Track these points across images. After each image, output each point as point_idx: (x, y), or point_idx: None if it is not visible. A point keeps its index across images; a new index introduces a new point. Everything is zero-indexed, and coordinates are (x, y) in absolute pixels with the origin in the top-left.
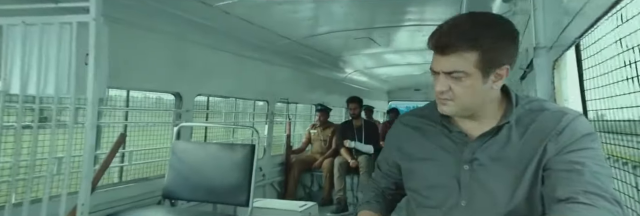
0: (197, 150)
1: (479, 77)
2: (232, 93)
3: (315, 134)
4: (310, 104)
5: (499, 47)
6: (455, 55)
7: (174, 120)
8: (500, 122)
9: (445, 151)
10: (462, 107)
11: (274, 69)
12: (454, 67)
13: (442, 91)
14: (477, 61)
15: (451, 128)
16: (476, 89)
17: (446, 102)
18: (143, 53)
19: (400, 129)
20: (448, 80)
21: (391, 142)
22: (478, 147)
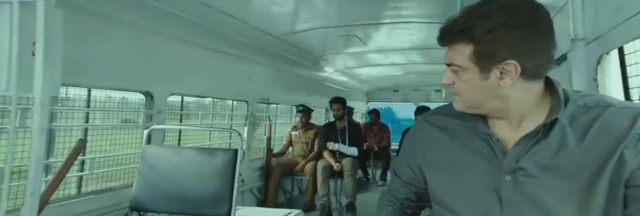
0: (170, 155)
1: (476, 72)
2: (209, 92)
3: (296, 136)
4: (291, 105)
5: (497, 39)
6: (451, 47)
7: (144, 122)
8: (545, 120)
9: (481, 157)
10: (466, 104)
11: (254, 68)
12: (450, 59)
13: (445, 84)
14: (471, 54)
15: (481, 128)
16: (475, 85)
17: (453, 96)
18: (108, 46)
19: (425, 130)
20: (452, 73)
21: (414, 144)
22: (522, 153)
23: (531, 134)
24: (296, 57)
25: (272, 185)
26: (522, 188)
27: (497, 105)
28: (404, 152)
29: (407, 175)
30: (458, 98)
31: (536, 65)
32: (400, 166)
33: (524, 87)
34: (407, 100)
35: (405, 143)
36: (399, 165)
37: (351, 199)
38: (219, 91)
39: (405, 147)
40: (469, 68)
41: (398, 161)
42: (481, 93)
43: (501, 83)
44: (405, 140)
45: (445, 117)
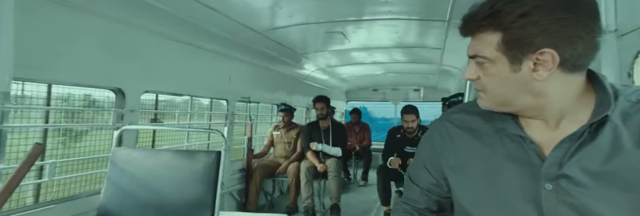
0: (144, 158)
1: (505, 63)
2: (186, 90)
3: (278, 136)
4: (271, 104)
5: (530, 24)
6: (476, 36)
7: (115, 122)
8: (591, 118)
9: (514, 162)
10: (494, 101)
11: (234, 64)
12: (474, 51)
13: (469, 79)
14: (499, 44)
15: (512, 129)
16: (504, 79)
17: (479, 93)
18: (73, 37)
19: (447, 131)
20: (476, 66)
21: (435, 147)
22: (565, 158)
23: (576, 135)
24: (278, 54)
25: (253, 187)
26: (567, 198)
27: (530, 102)
28: (422, 155)
29: (427, 181)
30: (484, 95)
31: (577, 55)
32: (418, 171)
33: (562, 81)
34: (386, 99)
35: (424, 146)
36: (416, 170)
37: (336, 200)
38: (197, 89)
39: (423, 149)
40: (497, 59)
41: (415, 166)
42: (511, 88)
43: (535, 76)
44: (423, 142)
45: (469, 116)
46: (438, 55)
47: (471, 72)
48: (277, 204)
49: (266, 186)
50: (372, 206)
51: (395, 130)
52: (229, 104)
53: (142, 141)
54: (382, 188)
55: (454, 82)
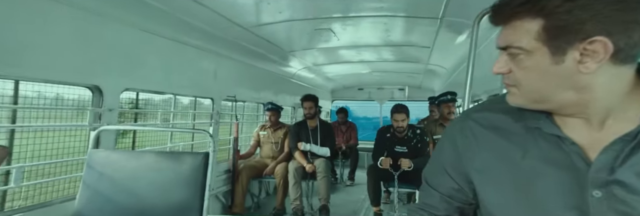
0: (125, 160)
1: (546, 55)
2: (169, 88)
3: (265, 136)
4: (257, 103)
5: (580, 8)
6: (510, 25)
7: (91, 122)
8: None
9: (553, 166)
10: (528, 97)
11: (220, 62)
12: (508, 40)
13: (500, 73)
14: (540, 32)
15: (548, 129)
16: (543, 72)
17: (509, 88)
18: (45, 30)
19: (470, 130)
20: (508, 59)
21: (457, 148)
22: (616, 162)
23: (630, 136)
24: (265, 51)
25: (239, 189)
26: (620, 206)
27: (571, 98)
28: (442, 157)
29: (448, 186)
30: (516, 91)
31: (633, 43)
32: (436, 175)
33: (612, 74)
34: (372, 98)
35: (443, 147)
36: (434, 173)
37: (325, 201)
38: (181, 87)
39: (443, 151)
40: (536, 50)
41: (433, 169)
42: (551, 82)
43: (581, 69)
44: (443, 143)
45: (495, 114)
46: (426, 54)
47: (501, 65)
48: (263, 206)
49: (252, 187)
50: (361, 206)
51: (385, 130)
52: (214, 103)
53: (120, 142)
54: (373, 189)
55: (439, 82)
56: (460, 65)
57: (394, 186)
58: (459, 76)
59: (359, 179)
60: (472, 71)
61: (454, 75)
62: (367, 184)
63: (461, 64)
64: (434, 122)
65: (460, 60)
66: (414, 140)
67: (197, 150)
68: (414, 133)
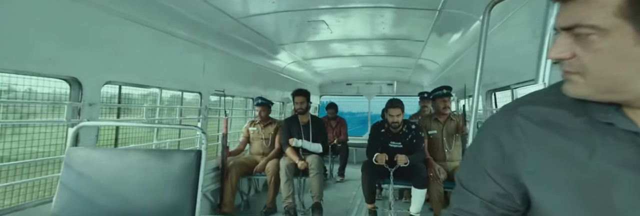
0: (108, 159)
1: (627, 34)
2: (155, 81)
3: (255, 132)
4: (246, 98)
5: None
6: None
7: (70, 117)
8: None
9: (631, 169)
10: (597, 86)
11: (208, 54)
12: (575, 18)
13: (560, 58)
14: (621, 5)
15: (623, 124)
16: (621, 56)
17: (570, 76)
18: (16, 16)
19: (518, 126)
20: (571, 41)
21: (501, 148)
22: None
23: None
24: (254, 44)
25: (229, 187)
26: None
27: None
28: (482, 158)
29: (490, 190)
30: (580, 79)
31: None
32: (476, 178)
33: None
34: (360, 93)
35: (484, 147)
36: (472, 176)
37: (318, 199)
38: (167, 80)
39: (483, 151)
40: (615, 29)
41: (470, 171)
42: (631, 68)
43: None
44: (482, 141)
45: (548, 108)
46: (419, 48)
47: (563, 49)
48: (253, 204)
49: (241, 185)
50: (353, 203)
51: (379, 125)
52: (202, 98)
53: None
54: (367, 186)
55: (429, 77)
56: (454, 59)
57: (389, 183)
58: (452, 71)
59: (349, 175)
60: (483, 63)
61: (447, 70)
62: (362, 181)
63: (455, 59)
64: (429, 117)
65: (454, 55)
66: (409, 135)
67: (184, 148)
68: (409, 128)
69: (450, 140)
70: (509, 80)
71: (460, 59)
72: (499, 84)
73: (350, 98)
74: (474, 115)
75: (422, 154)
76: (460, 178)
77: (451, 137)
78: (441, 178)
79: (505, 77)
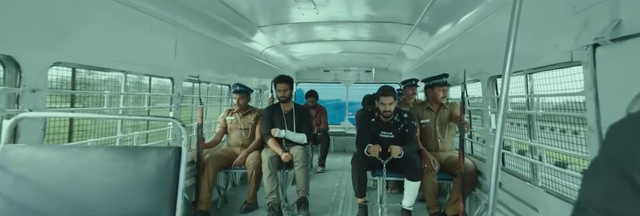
0: (60, 158)
1: None
2: (118, 64)
3: (233, 122)
4: (221, 85)
5: None
6: None
7: (5, 107)
8: None
9: None
10: None
11: (181, 34)
12: None
13: None
14: None
15: None
16: None
17: None
18: None
19: None
20: None
21: None
22: None
23: None
24: (233, 25)
25: (205, 183)
26: None
27: None
28: (615, 162)
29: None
30: None
31: None
32: (606, 190)
33: None
34: (338, 80)
35: (615, 147)
36: (601, 188)
37: (303, 193)
38: (133, 63)
39: (615, 151)
40: None
41: (595, 178)
42: None
43: None
44: (614, 140)
45: None
46: (407, 32)
47: None
48: (231, 199)
49: (218, 179)
50: (338, 195)
51: (369, 114)
52: (175, 84)
53: (51, 133)
54: (358, 179)
55: (409, 64)
56: (442, 46)
57: (381, 175)
58: (437, 58)
59: (330, 165)
60: (515, 44)
61: (433, 56)
62: (352, 173)
63: (444, 45)
64: (421, 106)
65: (444, 41)
66: (401, 124)
67: (153, 141)
68: (401, 117)
69: (443, 129)
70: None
71: (450, 45)
72: None
73: (327, 86)
74: (503, 102)
75: (416, 145)
76: (587, 199)
77: (444, 126)
78: (436, 169)
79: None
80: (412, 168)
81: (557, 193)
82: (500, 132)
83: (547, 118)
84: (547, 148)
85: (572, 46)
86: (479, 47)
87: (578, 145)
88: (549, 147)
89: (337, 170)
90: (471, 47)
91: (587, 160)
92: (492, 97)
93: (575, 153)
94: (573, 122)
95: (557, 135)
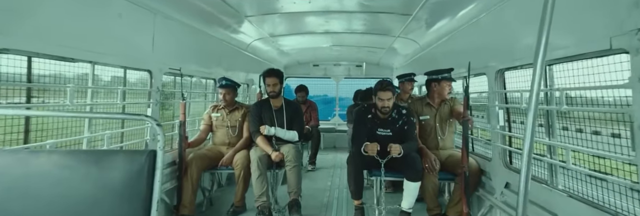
0: (7, 165)
1: None
2: (85, 54)
3: (218, 119)
4: (205, 79)
5: None
6: None
7: None
8: None
9: None
10: None
11: (159, 22)
12: None
13: None
14: None
15: None
16: None
17: None
18: None
19: None
20: None
21: None
22: None
23: None
24: (218, 13)
25: (188, 185)
26: None
27: None
28: None
29: None
30: None
31: None
32: None
33: None
34: (327, 75)
35: None
36: None
37: (295, 195)
38: (103, 53)
39: None
40: None
41: None
42: None
43: None
44: None
45: None
46: (402, 23)
47: None
48: (217, 201)
49: (203, 181)
50: (331, 195)
51: (366, 110)
52: (153, 77)
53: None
54: (354, 179)
55: (402, 59)
56: (440, 39)
57: (379, 175)
58: (433, 51)
59: (321, 163)
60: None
61: (428, 50)
62: (348, 174)
63: (441, 38)
64: (420, 101)
65: (443, 33)
66: (399, 121)
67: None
68: (399, 113)
69: (444, 126)
70: None
71: (449, 37)
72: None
73: (315, 81)
74: (534, 97)
75: (415, 143)
76: None
77: (445, 122)
78: (437, 169)
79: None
80: (412, 168)
81: (585, 198)
82: (530, 131)
83: (567, 115)
84: (578, 150)
85: (613, 31)
86: (484, 39)
87: (608, 144)
88: (582, 148)
89: (328, 168)
90: (474, 39)
91: (633, 164)
92: (500, 91)
93: (619, 155)
94: (600, 118)
95: (587, 135)
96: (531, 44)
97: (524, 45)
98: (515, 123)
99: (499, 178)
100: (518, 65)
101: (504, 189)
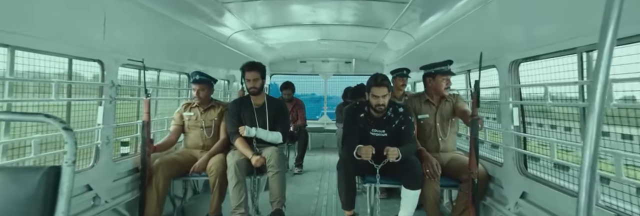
0: None
1: None
2: (11, 38)
3: (191, 118)
4: (178, 73)
5: None
6: None
7: None
8: None
9: None
10: None
11: (111, 3)
12: None
13: None
14: None
15: None
16: None
17: None
18: None
19: None
20: None
21: None
22: None
23: None
24: None
25: (153, 195)
26: None
27: None
28: None
29: None
30: None
31: None
32: None
33: None
34: (315, 72)
35: None
36: None
37: (279, 205)
38: (24, 34)
39: None
40: None
41: None
42: None
43: None
44: None
45: None
46: (396, 14)
47: None
48: (190, 211)
49: (174, 189)
50: (318, 202)
51: (357, 108)
52: (105, 69)
53: None
54: (346, 187)
55: (393, 55)
56: (439, 29)
57: (373, 182)
58: (429, 45)
59: (308, 165)
60: None
61: (424, 44)
62: (338, 181)
63: (441, 28)
64: (418, 98)
65: (442, 24)
66: (396, 121)
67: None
68: (395, 112)
69: (445, 126)
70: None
71: (449, 27)
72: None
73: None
74: (599, 92)
75: (414, 145)
76: None
77: (446, 122)
78: (439, 174)
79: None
80: (411, 174)
81: None
82: (594, 136)
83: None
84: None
85: None
86: (493, 27)
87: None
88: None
89: (316, 170)
90: (480, 29)
91: None
92: (514, 86)
93: None
94: None
95: None
96: (556, 30)
97: (546, 31)
98: (531, 124)
99: (513, 186)
100: (541, 54)
101: (519, 199)
